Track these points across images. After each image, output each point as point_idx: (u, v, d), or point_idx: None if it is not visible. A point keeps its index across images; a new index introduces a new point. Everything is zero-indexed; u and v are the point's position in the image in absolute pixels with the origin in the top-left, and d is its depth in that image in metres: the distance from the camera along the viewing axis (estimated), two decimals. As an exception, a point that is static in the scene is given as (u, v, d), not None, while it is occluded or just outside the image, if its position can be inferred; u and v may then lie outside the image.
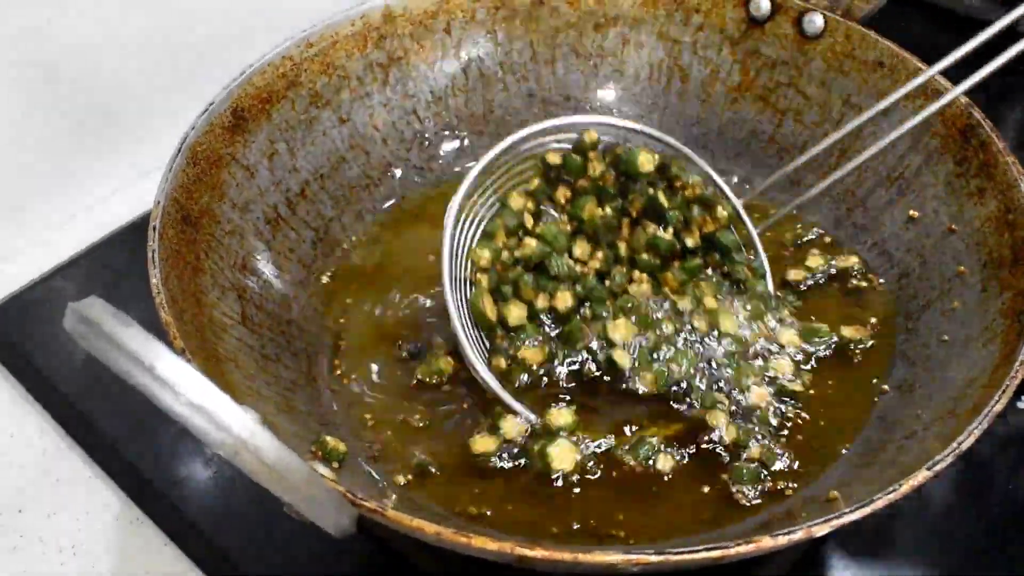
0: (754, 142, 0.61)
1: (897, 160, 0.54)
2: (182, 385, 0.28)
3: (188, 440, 0.61)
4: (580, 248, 0.52)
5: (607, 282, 0.52)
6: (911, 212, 0.53)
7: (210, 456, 0.60)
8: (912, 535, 0.56)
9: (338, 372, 0.52)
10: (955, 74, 0.55)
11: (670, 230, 0.52)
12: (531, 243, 0.51)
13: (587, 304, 0.51)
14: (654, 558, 0.33)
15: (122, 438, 0.61)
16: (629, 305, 0.51)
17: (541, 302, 0.50)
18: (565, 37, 0.62)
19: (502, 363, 0.49)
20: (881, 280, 0.54)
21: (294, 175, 0.55)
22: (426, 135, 0.61)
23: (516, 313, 0.50)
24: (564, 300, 0.51)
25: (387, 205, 0.59)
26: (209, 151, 0.50)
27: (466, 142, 0.62)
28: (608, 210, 0.52)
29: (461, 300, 0.49)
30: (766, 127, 0.60)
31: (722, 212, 0.53)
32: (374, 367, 0.52)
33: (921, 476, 0.36)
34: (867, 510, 0.35)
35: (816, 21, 0.58)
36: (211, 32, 0.75)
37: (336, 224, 0.57)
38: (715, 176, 0.54)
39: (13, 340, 0.65)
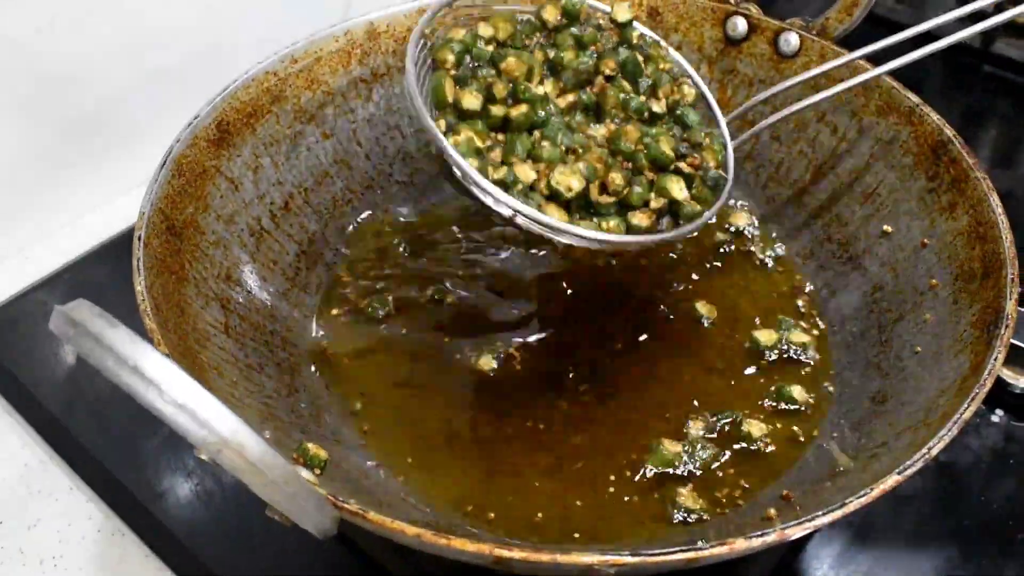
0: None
1: (873, 177, 0.56)
2: (167, 384, 0.29)
3: (170, 453, 0.61)
4: (550, 85, 0.50)
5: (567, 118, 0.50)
6: (885, 227, 0.54)
7: (191, 469, 0.60)
8: (888, 544, 0.56)
9: (322, 380, 0.53)
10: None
11: (641, 94, 0.51)
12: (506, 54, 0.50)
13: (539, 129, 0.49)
14: (630, 559, 0.34)
15: (104, 451, 0.61)
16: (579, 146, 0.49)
17: (497, 109, 0.49)
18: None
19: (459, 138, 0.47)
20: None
21: (278, 188, 0.56)
22: (408, 150, 0.61)
23: (471, 101, 0.48)
24: (519, 111, 0.49)
25: (370, 219, 0.60)
26: (194, 163, 0.51)
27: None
28: (584, 57, 0.51)
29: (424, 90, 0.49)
30: (742, 144, 0.61)
31: (689, 91, 0.52)
32: (359, 375, 0.53)
33: (892, 480, 0.36)
34: (838, 514, 0.36)
35: (792, 40, 0.59)
36: (199, 48, 0.75)
37: (320, 238, 0.57)
38: (688, 68, 0.55)
39: (-5, 351, 0.65)
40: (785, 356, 0.54)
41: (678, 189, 0.48)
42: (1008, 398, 0.63)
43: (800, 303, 0.57)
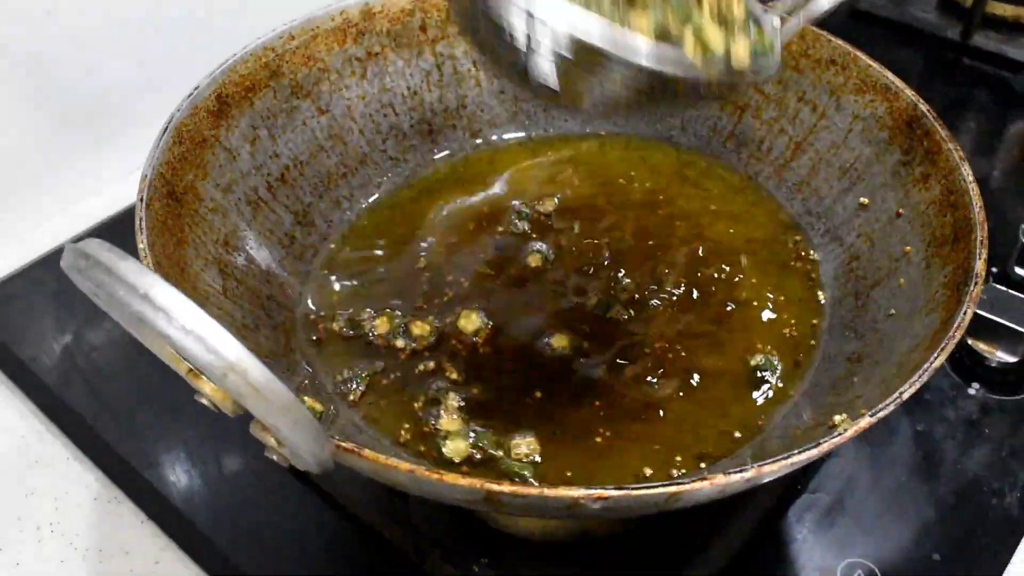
0: (715, 137, 0.64)
1: (850, 153, 0.57)
2: (175, 311, 0.30)
3: (164, 423, 0.62)
4: None
5: None
6: (862, 200, 0.56)
7: (185, 437, 0.61)
8: (868, 509, 0.58)
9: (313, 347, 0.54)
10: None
11: None
12: None
13: None
14: (613, 493, 0.35)
15: (100, 422, 0.63)
16: None
17: None
18: (536, 37, 0.65)
19: None
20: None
21: (274, 160, 0.57)
22: (402, 127, 0.63)
23: None
24: None
25: (363, 193, 0.61)
26: (194, 132, 0.52)
27: (439, 135, 0.64)
28: None
29: None
30: (726, 123, 0.63)
31: None
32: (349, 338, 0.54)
33: (864, 421, 0.38)
34: (813, 452, 0.37)
35: (773, 23, 0.61)
36: (198, 34, 0.77)
37: (315, 209, 0.59)
38: None
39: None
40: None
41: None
42: (984, 372, 0.65)
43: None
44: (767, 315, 0.56)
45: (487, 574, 0.53)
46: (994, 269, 0.71)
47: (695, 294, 0.57)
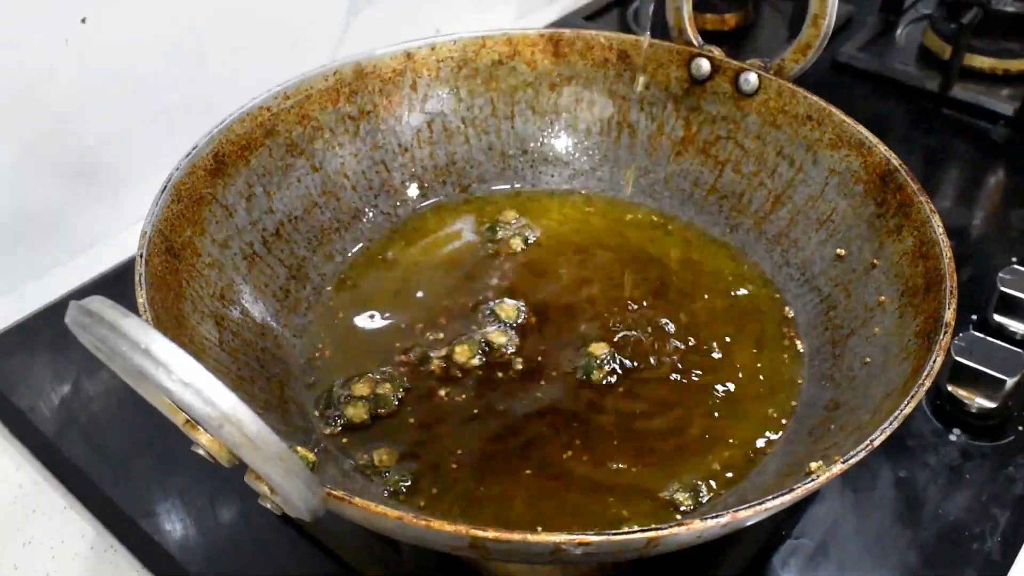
0: (697, 191, 0.66)
1: (827, 205, 0.59)
2: (174, 365, 0.32)
3: (160, 474, 0.63)
4: None
5: None
6: (839, 251, 0.58)
7: (181, 486, 0.62)
8: (851, 554, 0.59)
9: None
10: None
11: None
12: None
13: None
14: (594, 539, 0.37)
15: (97, 471, 0.64)
16: None
17: None
18: (523, 95, 0.67)
19: None
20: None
21: (270, 216, 0.59)
22: (393, 183, 0.65)
23: None
24: None
25: (356, 247, 0.63)
26: (192, 190, 0.54)
27: (429, 190, 0.66)
28: None
29: None
30: (707, 177, 0.65)
31: None
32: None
33: (838, 468, 0.39)
34: (787, 498, 0.38)
35: (751, 79, 0.63)
36: (193, 92, 0.79)
37: (308, 263, 0.60)
38: None
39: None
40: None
41: None
42: (964, 418, 0.67)
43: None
44: (748, 378, 0.57)
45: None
46: (973, 317, 0.72)
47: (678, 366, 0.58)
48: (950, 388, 0.67)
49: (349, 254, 0.62)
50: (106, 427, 0.66)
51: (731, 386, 0.56)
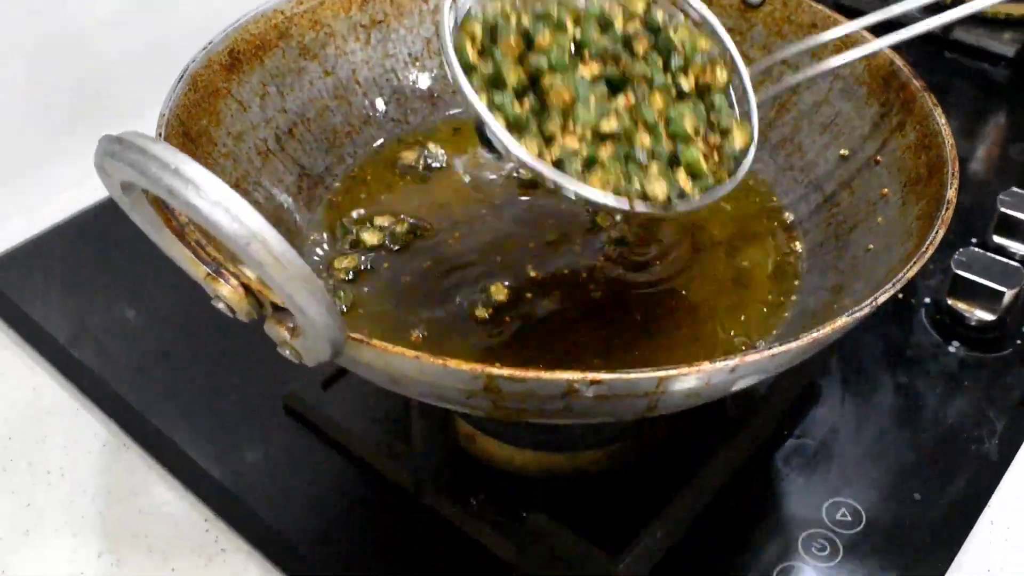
0: (702, 103, 0.66)
1: (831, 109, 0.60)
2: (203, 184, 0.32)
3: (170, 375, 0.65)
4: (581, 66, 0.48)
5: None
6: (842, 152, 0.59)
7: (191, 378, 0.63)
8: (851, 454, 0.60)
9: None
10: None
11: (670, 73, 0.50)
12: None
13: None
14: (605, 376, 0.38)
15: (109, 373, 0.65)
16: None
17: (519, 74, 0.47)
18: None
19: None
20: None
21: (283, 116, 0.60)
22: (404, 91, 0.66)
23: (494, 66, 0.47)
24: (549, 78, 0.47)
25: (366, 150, 0.64)
26: (207, 82, 0.55)
27: (439, 99, 0.67)
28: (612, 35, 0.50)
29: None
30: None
31: (722, 74, 0.51)
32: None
33: (841, 321, 0.40)
34: (792, 344, 0.39)
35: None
36: (200, 18, 0.80)
37: (320, 164, 0.61)
38: (729, 44, 0.54)
39: (5, 292, 0.69)
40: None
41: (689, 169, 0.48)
42: (964, 331, 0.68)
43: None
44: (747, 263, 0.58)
45: (484, 507, 0.55)
46: (973, 240, 0.73)
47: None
48: (950, 302, 0.68)
49: (360, 157, 0.63)
50: (118, 336, 0.67)
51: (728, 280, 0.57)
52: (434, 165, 0.64)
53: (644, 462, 0.58)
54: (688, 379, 0.39)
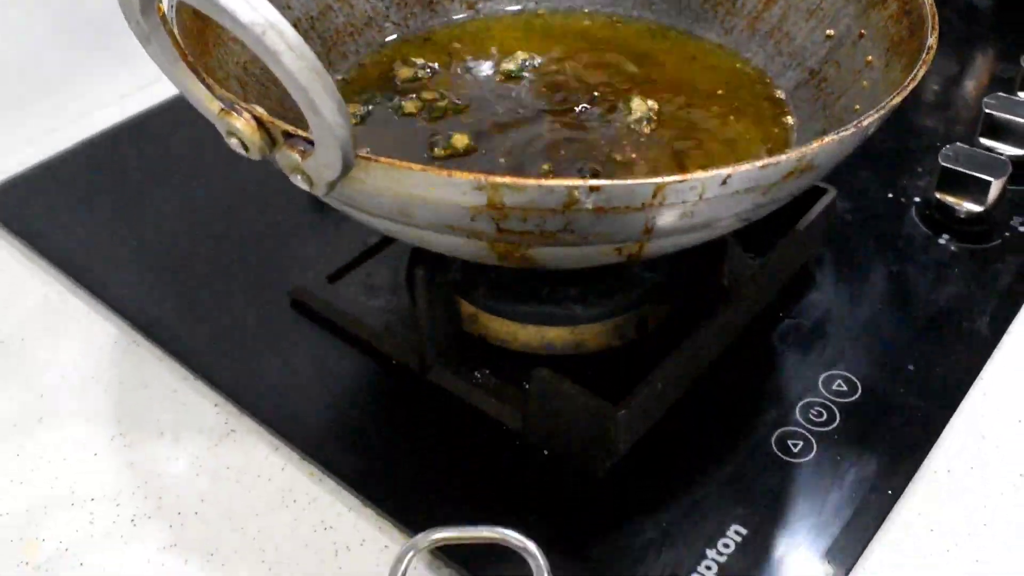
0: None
1: (816, -1, 0.62)
2: (220, -23, 0.34)
3: (178, 280, 0.66)
4: None
5: None
6: (828, 32, 0.61)
7: (200, 277, 0.65)
8: (846, 332, 0.62)
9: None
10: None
11: None
12: None
13: None
14: (606, 183, 0.39)
15: (120, 279, 0.67)
16: None
17: None
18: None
19: None
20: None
21: (287, 12, 0.62)
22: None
23: None
24: None
25: (368, 50, 0.66)
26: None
27: (439, 6, 0.69)
28: None
29: None
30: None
31: None
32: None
33: (828, 138, 0.42)
34: (782, 156, 0.41)
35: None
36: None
37: (323, 60, 0.63)
38: None
39: (18, 210, 0.71)
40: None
41: None
42: (953, 224, 0.70)
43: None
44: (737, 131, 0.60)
45: (488, 381, 0.57)
46: (959, 143, 0.75)
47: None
48: (938, 196, 0.70)
49: (362, 57, 0.65)
50: (128, 247, 0.69)
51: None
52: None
53: (644, 336, 0.59)
54: (683, 188, 0.40)
